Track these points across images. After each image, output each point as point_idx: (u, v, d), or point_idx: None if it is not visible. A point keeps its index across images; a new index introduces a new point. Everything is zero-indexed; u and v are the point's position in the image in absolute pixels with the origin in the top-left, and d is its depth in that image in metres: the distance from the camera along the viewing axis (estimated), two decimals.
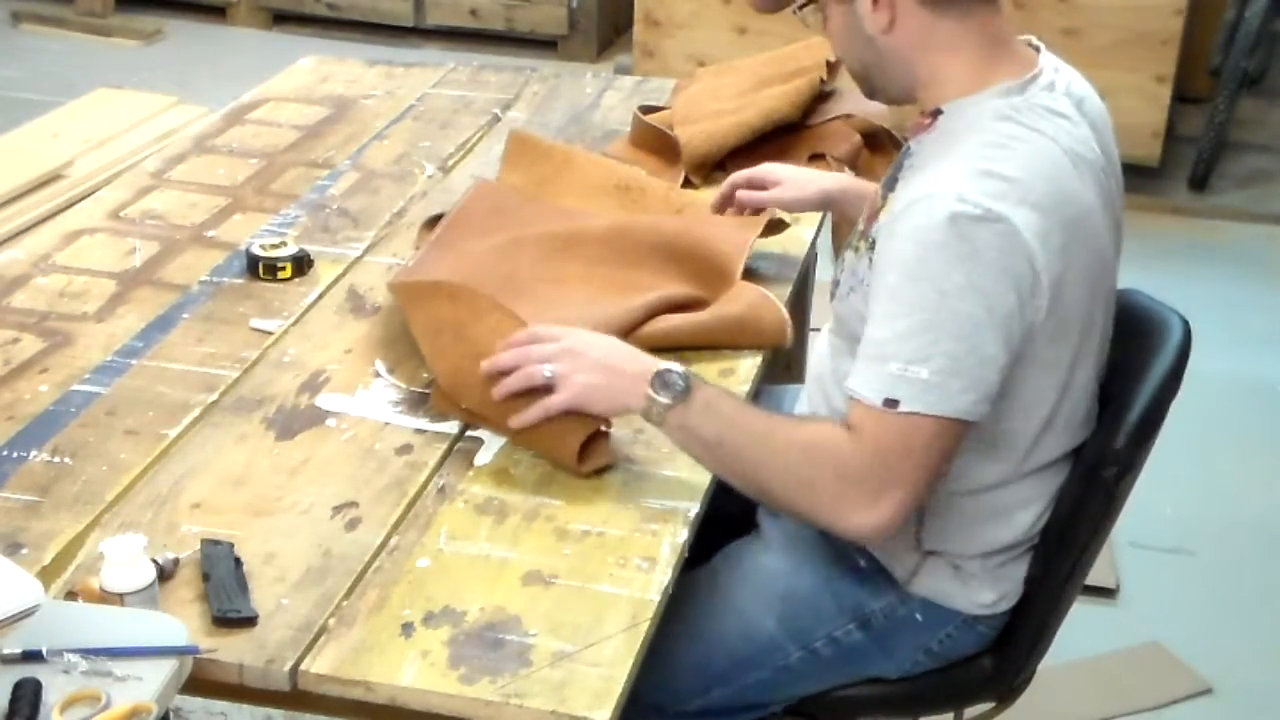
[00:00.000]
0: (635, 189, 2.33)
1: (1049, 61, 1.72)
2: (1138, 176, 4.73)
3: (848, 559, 1.83)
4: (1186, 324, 1.85)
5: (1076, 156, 1.65)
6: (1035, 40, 1.75)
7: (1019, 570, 1.81)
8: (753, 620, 1.84)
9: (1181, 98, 4.87)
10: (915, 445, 1.58)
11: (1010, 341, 1.59)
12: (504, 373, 1.73)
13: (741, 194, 2.19)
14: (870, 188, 2.05)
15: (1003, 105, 1.65)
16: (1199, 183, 4.77)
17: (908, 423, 1.57)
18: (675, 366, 1.69)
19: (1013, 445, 1.72)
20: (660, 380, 1.67)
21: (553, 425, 1.72)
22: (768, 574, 1.86)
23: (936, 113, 1.70)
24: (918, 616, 1.82)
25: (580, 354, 1.71)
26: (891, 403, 1.57)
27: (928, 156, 1.68)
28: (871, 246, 1.67)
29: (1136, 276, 1.82)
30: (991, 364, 1.58)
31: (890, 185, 1.72)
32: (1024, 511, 1.78)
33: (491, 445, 1.80)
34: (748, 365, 1.98)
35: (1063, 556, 1.81)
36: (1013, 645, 1.87)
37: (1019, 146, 1.62)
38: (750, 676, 1.84)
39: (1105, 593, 2.96)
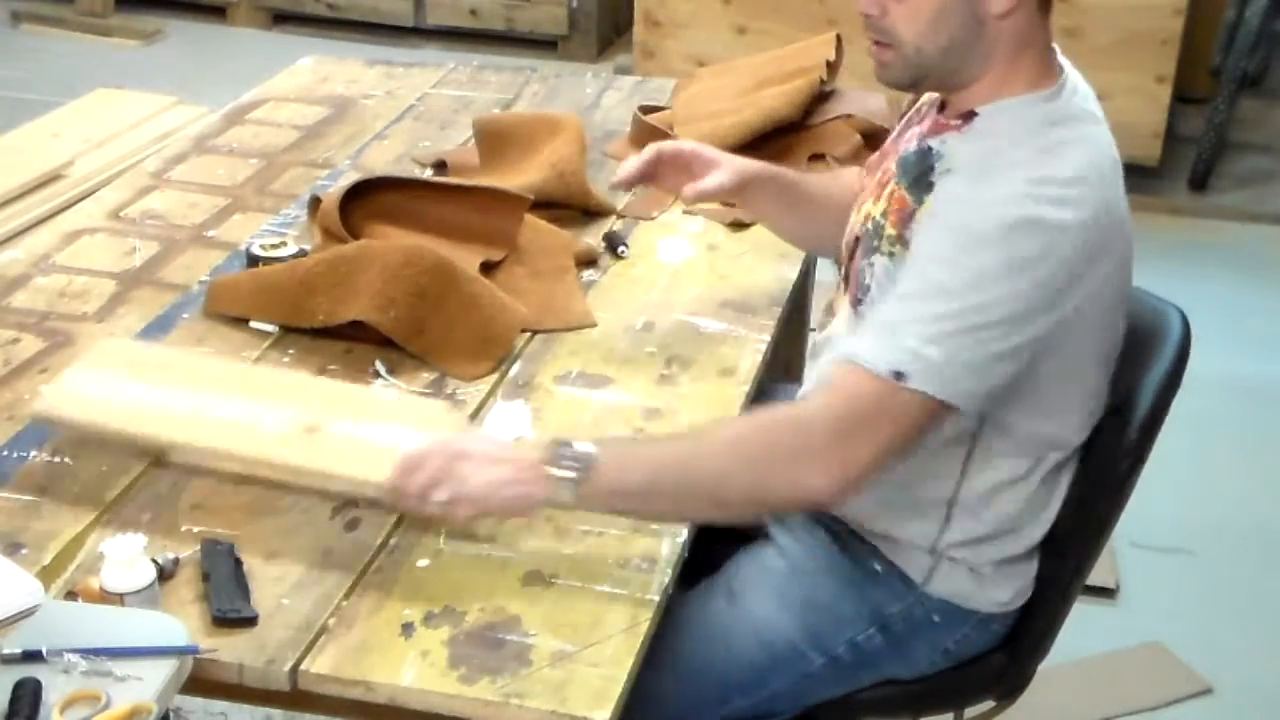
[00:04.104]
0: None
1: (1065, 63, 1.72)
2: (1138, 176, 4.70)
3: (863, 564, 1.82)
4: (1185, 319, 1.85)
5: (1112, 160, 1.66)
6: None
7: (1031, 567, 1.82)
8: (774, 628, 1.82)
9: (1181, 98, 4.87)
10: (898, 414, 1.57)
11: (1029, 348, 1.59)
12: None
13: (677, 186, 2.03)
14: (785, 174, 2.07)
15: (1048, 110, 1.65)
16: (1199, 183, 4.77)
17: (903, 395, 1.57)
18: (566, 440, 1.57)
19: (1034, 441, 1.72)
20: (556, 456, 1.56)
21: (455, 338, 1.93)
22: (786, 581, 1.85)
23: (970, 115, 1.68)
24: (935, 618, 1.81)
25: (460, 457, 1.56)
26: (899, 375, 1.56)
27: (968, 158, 1.66)
28: (906, 246, 1.66)
29: (1137, 276, 1.82)
30: (1003, 363, 1.58)
31: (922, 186, 1.68)
32: (1034, 525, 1.79)
33: None
34: (747, 365, 1.98)
35: (1072, 553, 1.82)
36: (1024, 641, 1.87)
37: (1069, 153, 1.61)
38: (771, 685, 1.82)
39: (1105, 593, 2.96)
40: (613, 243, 2.27)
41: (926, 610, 1.81)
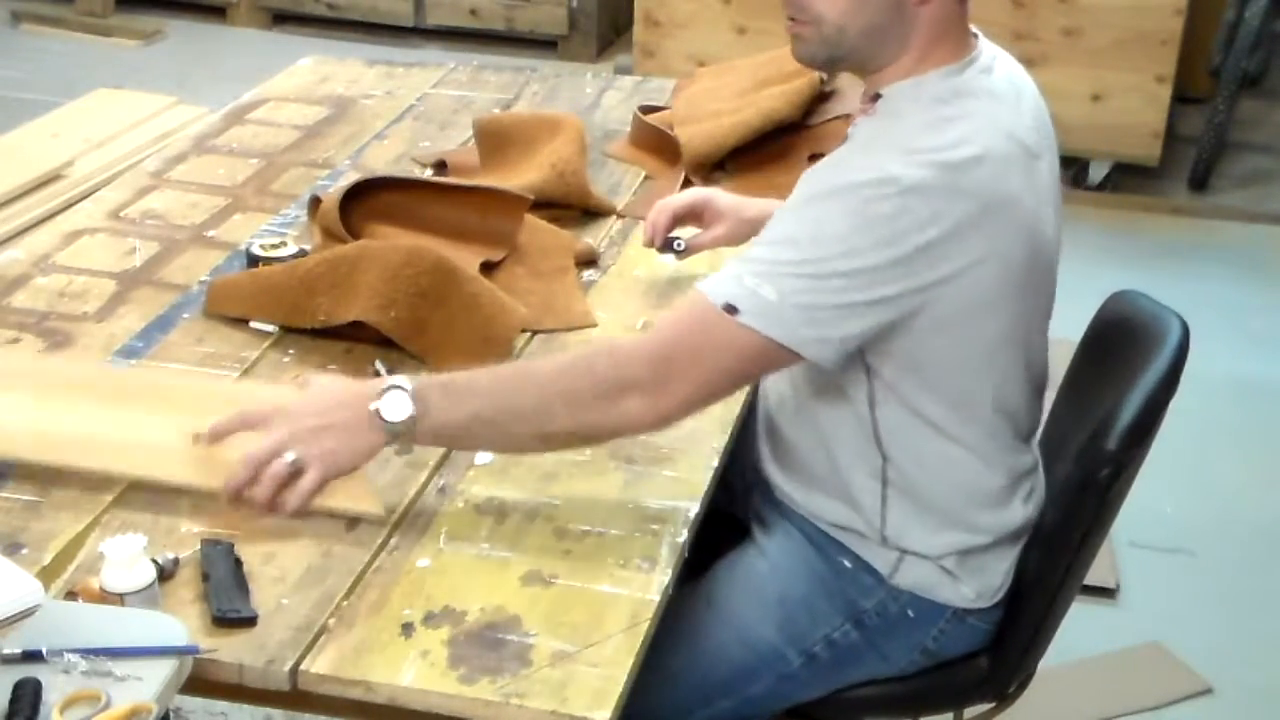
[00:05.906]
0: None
1: (987, 47, 1.72)
2: (1138, 176, 4.73)
3: (834, 561, 1.82)
4: (1184, 326, 1.84)
5: (1010, 140, 1.65)
6: (974, 28, 1.74)
7: (1000, 563, 1.81)
8: (752, 628, 1.83)
9: (1181, 98, 4.87)
10: (723, 345, 1.60)
11: (881, 307, 1.59)
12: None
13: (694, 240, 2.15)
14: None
15: (942, 88, 1.66)
16: (1199, 183, 4.77)
17: (732, 328, 1.58)
18: (395, 380, 1.61)
19: (935, 425, 1.71)
20: (384, 404, 1.59)
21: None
22: (762, 580, 1.85)
23: (876, 97, 1.70)
24: (909, 612, 1.81)
25: (298, 418, 1.60)
26: (731, 309, 1.58)
27: (862, 139, 1.68)
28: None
29: (1137, 276, 1.83)
30: (852, 318, 1.59)
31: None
32: (987, 516, 1.77)
33: None
34: None
35: (1058, 558, 1.80)
36: (1009, 645, 1.86)
37: (949, 129, 1.62)
38: (753, 687, 1.83)
39: (1105, 593, 2.96)
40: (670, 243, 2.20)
41: (900, 605, 1.81)
